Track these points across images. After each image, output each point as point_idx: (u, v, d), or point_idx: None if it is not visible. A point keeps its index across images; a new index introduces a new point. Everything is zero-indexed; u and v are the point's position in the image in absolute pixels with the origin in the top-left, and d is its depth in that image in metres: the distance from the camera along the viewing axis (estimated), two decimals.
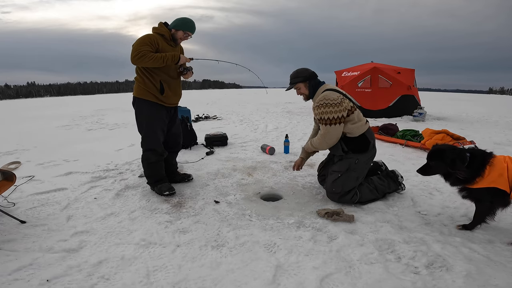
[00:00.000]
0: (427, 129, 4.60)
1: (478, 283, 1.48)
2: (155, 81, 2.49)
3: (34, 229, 2.07)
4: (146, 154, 2.64)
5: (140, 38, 2.40)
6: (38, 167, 3.68)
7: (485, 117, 8.90)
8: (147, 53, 2.30)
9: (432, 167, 1.95)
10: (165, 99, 2.56)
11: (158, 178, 2.70)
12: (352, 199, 2.37)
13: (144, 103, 2.53)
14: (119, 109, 12.62)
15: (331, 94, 2.31)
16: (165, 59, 2.37)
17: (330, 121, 2.28)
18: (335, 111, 2.26)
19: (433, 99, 18.82)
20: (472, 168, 1.79)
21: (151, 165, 2.66)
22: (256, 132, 6.18)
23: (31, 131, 6.92)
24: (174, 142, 2.85)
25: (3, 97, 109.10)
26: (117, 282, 1.53)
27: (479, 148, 1.90)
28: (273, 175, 3.22)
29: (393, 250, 1.78)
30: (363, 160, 2.40)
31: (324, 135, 2.34)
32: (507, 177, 1.72)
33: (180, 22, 2.52)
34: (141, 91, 2.52)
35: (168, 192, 2.61)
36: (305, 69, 2.50)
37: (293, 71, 2.52)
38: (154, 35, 2.45)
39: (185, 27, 2.53)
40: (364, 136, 2.39)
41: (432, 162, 1.94)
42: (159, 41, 2.44)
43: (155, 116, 2.56)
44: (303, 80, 2.46)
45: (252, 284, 1.50)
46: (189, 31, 2.56)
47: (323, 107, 2.29)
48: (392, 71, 8.39)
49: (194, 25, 2.58)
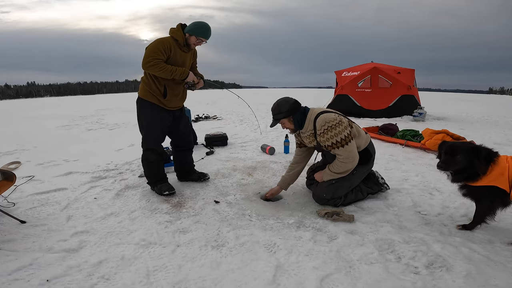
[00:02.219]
0: (427, 129, 4.60)
1: (478, 283, 1.48)
2: (160, 85, 2.52)
3: (34, 229, 2.07)
4: (146, 154, 2.66)
5: (154, 42, 2.41)
6: (38, 167, 3.68)
7: (485, 117, 8.90)
8: (158, 63, 2.33)
9: (458, 161, 1.82)
10: (167, 102, 2.58)
11: (158, 178, 2.71)
12: (335, 202, 2.36)
13: (147, 104, 2.56)
14: (119, 109, 12.63)
15: (328, 116, 2.21)
16: (174, 73, 2.40)
17: (344, 141, 2.18)
18: (342, 130, 2.17)
19: (433, 99, 18.83)
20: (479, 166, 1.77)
21: (151, 165, 2.67)
22: (256, 132, 6.18)
23: (31, 131, 6.92)
24: (185, 141, 2.90)
25: (3, 97, 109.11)
26: (117, 282, 1.53)
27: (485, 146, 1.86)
28: (273, 175, 3.22)
29: (393, 250, 1.78)
30: (361, 171, 2.38)
31: (345, 158, 2.20)
32: (507, 176, 1.72)
33: (195, 27, 2.48)
34: (145, 92, 2.56)
35: (168, 192, 2.62)
36: (286, 101, 2.34)
37: (274, 104, 2.38)
38: (168, 40, 2.44)
39: (198, 33, 2.50)
40: (367, 150, 2.38)
41: (459, 156, 1.81)
42: (172, 47, 2.43)
43: (156, 117, 2.58)
44: (286, 115, 2.31)
45: (252, 284, 1.50)
46: (202, 37, 2.52)
47: (329, 131, 2.18)
48: (392, 71, 8.39)
49: (209, 31, 2.54)
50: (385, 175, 2.94)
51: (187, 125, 2.93)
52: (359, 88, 8.40)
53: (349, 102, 8.40)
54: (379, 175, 2.64)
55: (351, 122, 2.34)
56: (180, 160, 2.96)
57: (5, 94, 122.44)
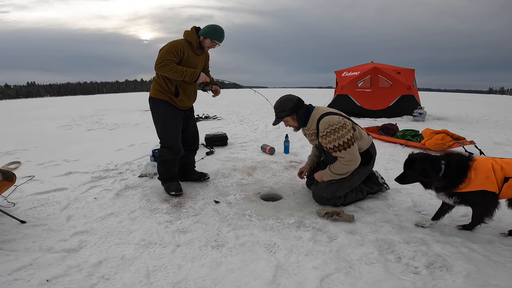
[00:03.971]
0: (427, 129, 4.60)
1: (478, 283, 1.48)
2: (171, 85, 2.54)
3: (34, 229, 2.07)
4: (161, 151, 2.69)
5: (167, 45, 2.44)
6: (38, 167, 3.68)
7: (485, 117, 8.90)
8: (169, 64, 2.36)
9: (408, 176, 1.95)
10: (179, 102, 2.60)
11: (169, 176, 2.72)
12: (335, 202, 2.36)
13: (160, 102, 2.58)
14: (119, 109, 12.61)
15: (332, 118, 2.20)
16: (184, 74, 2.40)
17: (346, 144, 2.18)
18: (345, 133, 2.17)
19: (433, 99, 18.83)
20: (450, 176, 1.80)
21: (164, 163, 2.69)
22: (256, 132, 6.18)
23: (31, 131, 6.92)
24: (192, 140, 2.92)
25: (3, 97, 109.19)
26: (117, 282, 1.53)
27: (457, 154, 1.89)
28: (273, 175, 3.22)
29: (393, 250, 1.78)
30: (361, 172, 2.38)
31: (348, 160, 2.21)
32: (494, 178, 1.74)
33: (209, 30, 2.49)
34: (157, 92, 2.58)
35: (174, 193, 2.62)
36: (289, 99, 2.34)
37: (277, 102, 2.38)
38: (182, 43, 2.46)
39: (213, 36, 2.50)
40: (368, 151, 2.38)
41: (407, 171, 1.94)
42: (185, 49, 2.46)
43: (170, 114, 2.60)
44: (289, 113, 2.32)
45: (252, 284, 1.50)
46: (216, 40, 2.53)
47: (332, 134, 2.17)
48: (392, 71, 8.39)
49: (223, 34, 2.54)
50: (385, 175, 2.94)
51: (196, 125, 2.95)
52: (359, 88, 8.40)
53: (349, 102, 8.41)
54: (379, 175, 2.64)
55: (354, 124, 2.33)
56: (182, 159, 2.93)
57: (5, 94, 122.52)
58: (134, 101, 19.42)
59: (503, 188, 1.74)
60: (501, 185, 1.74)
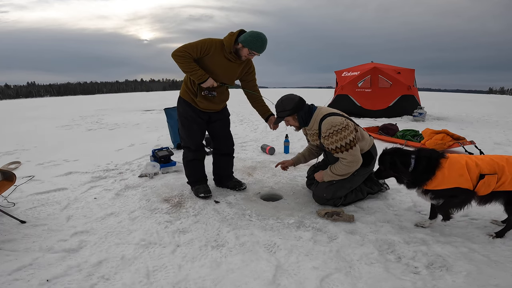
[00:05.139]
0: (427, 129, 4.60)
1: (478, 283, 1.48)
2: (194, 84, 2.43)
3: (34, 229, 2.07)
4: (184, 152, 2.69)
5: (198, 40, 2.31)
6: (38, 167, 3.69)
7: (485, 117, 8.90)
8: (185, 56, 2.23)
9: (382, 171, 1.98)
10: (199, 102, 2.48)
11: (196, 179, 2.70)
12: (335, 202, 2.36)
13: (182, 102, 2.56)
14: (119, 109, 12.61)
15: (335, 119, 2.18)
16: (193, 71, 2.28)
17: (348, 145, 2.16)
18: (347, 134, 2.15)
19: (433, 99, 18.82)
20: (418, 171, 1.80)
21: (188, 164, 2.68)
22: (256, 132, 6.18)
23: (31, 131, 6.92)
24: (221, 144, 2.80)
25: (3, 97, 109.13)
26: (117, 282, 1.53)
27: (429, 149, 1.89)
28: (273, 175, 3.22)
29: (393, 250, 1.78)
30: (362, 173, 2.37)
31: (349, 161, 2.19)
32: (468, 175, 1.74)
33: (250, 39, 2.24)
34: (183, 91, 2.55)
35: (203, 195, 2.59)
36: (290, 99, 2.32)
37: (278, 101, 2.36)
38: (213, 42, 2.30)
39: (252, 46, 2.26)
40: (370, 152, 2.38)
41: (380, 166, 1.97)
42: (212, 49, 2.28)
43: (189, 115, 2.53)
44: (291, 113, 2.30)
45: (252, 284, 1.50)
46: (255, 51, 2.29)
47: (334, 135, 2.16)
48: (392, 71, 8.40)
49: (264, 45, 2.30)
50: None
51: (225, 128, 2.79)
52: (359, 88, 8.40)
53: (349, 102, 8.41)
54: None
55: (356, 126, 2.33)
56: (215, 164, 2.87)
57: (5, 94, 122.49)
58: (134, 101, 19.43)
59: (479, 185, 1.74)
60: (476, 182, 1.74)
